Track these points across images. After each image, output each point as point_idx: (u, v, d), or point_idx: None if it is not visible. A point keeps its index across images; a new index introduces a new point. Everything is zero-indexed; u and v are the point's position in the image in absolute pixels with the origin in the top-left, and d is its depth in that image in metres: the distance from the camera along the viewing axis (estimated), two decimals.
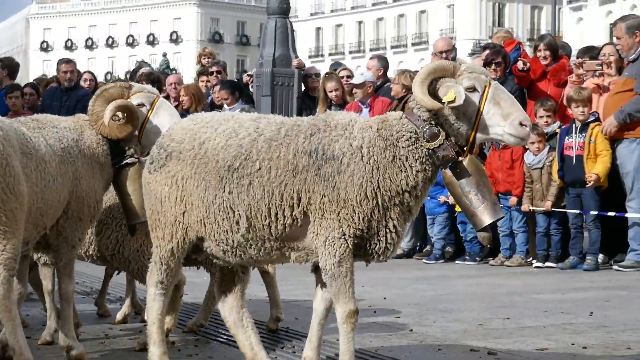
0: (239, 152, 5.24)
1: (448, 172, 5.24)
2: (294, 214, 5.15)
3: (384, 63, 14.45)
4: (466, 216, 5.39)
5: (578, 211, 11.56)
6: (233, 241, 5.31)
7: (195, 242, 5.46)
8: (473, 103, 5.08)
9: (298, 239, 5.23)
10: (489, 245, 12.38)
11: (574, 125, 11.72)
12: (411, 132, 5.13)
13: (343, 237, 5.07)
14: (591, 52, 12.85)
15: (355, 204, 5.06)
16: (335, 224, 5.07)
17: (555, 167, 11.80)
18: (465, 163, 5.20)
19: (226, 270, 5.72)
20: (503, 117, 5.04)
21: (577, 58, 12.71)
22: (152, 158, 5.57)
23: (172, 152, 5.44)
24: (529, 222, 12.35)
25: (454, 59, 12.05)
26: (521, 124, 5.03)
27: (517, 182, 12.14)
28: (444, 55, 13.00)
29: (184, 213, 5.39)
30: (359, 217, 5.06)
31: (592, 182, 11.34)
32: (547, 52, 12.72)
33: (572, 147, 11.61)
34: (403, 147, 5.13)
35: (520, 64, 12.48)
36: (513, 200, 12.21)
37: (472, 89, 5.09)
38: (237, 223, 5.24)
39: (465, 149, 5.16)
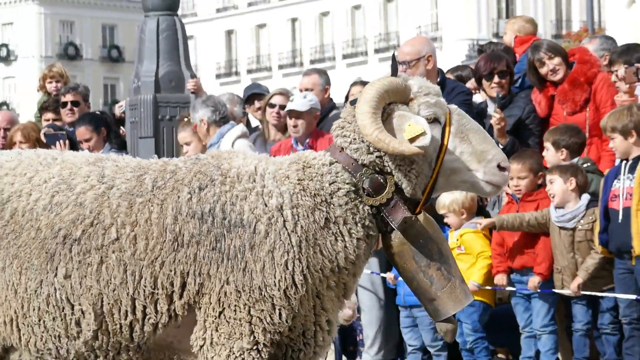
0: (79, 215, 4.18)
1: (396, 238, 4.26)
2: (172, 308, 4.09)
3: (326, 79, 10.41)
4: (420, 301, 4.43)
5: (634, 296, 7.94)
6: (68, 351, 4.25)
7: None
8: (435, 139, 4.22)
9: (171, 347, 4.22)
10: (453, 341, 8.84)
11: (622, 162, 8.05)
12: (348, 183, 4.23)
13: (256, 348, 4.06)
14: (631, 55, 8.65)
15: (277, 296, 4.06)
16: (245, 327, 4.05)
17: (597, 228, 8.10)
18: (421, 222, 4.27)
19: None
20: (475, 158, 4.24)
21: (614, 63, 8.61)
22: None
23: None
24: (559, 316, 8.56)
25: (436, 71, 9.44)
26: (500, 167, 4.25)
27: (542, 253, 8.42)
28: (405, 67, 9.00)
29: None
30: (280, 315, 4.06)
31: None
32: (557, 61, 8.66)
33: (619, 196, 7.99)
34: (340, 206, 4.21)
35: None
36: (534, 280, 8.38)
37: (432, 120, 4.24)
38: (78, 323, 4.19)
39: (419, 203, 4.29)
